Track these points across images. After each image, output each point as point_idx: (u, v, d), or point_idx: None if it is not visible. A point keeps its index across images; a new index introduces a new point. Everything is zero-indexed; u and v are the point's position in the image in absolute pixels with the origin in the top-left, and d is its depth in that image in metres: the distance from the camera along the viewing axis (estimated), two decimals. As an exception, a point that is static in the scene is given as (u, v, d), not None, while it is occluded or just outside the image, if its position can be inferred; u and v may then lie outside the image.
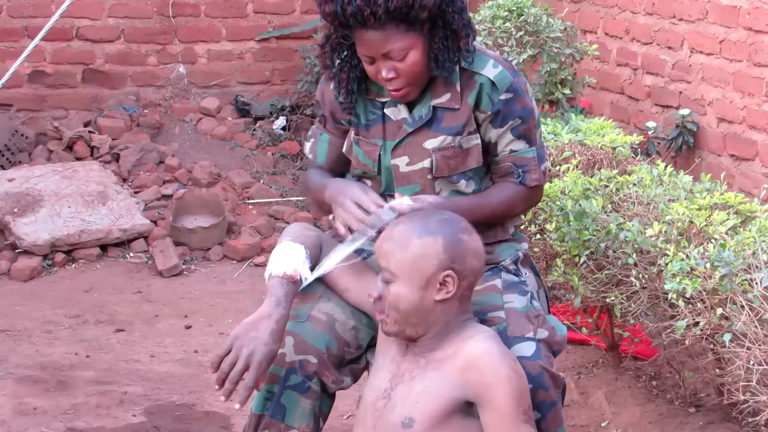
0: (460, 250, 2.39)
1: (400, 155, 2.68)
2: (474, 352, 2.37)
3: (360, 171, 2.75)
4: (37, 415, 3.70)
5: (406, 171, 2.68)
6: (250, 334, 2.45)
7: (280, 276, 2.54)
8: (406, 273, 2.38)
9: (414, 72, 2.56)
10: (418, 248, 2.38)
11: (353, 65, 2.64)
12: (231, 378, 2.42)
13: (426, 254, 2.37)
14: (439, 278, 2.38)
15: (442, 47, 2.56)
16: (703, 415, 3.40)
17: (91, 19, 6.40)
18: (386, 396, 2.45)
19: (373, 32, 2.51)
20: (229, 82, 6.65)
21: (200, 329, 4.53)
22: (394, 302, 2.40)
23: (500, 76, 2.63)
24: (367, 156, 2.71)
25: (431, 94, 2.65)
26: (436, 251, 2.38)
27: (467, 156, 2.66)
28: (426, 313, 2.40)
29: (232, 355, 2.44)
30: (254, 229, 5.47)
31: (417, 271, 2.37)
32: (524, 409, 2.35)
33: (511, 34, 4.69)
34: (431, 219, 2.43)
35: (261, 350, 2.43)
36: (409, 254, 2.38)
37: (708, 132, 4.74)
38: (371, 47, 2.53)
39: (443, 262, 2.37)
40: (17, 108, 6.28)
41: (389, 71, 2.55)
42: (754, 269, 2.82)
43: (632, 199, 3.36)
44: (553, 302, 3.95)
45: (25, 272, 5.03)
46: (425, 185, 2.67)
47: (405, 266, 2.38)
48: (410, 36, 2.52)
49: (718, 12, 4.62)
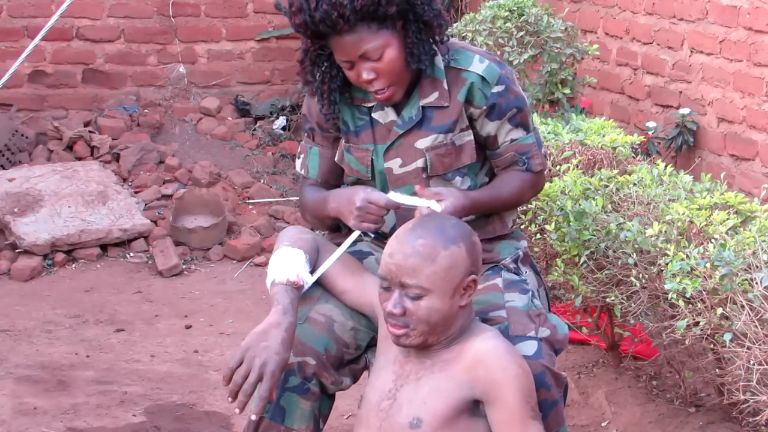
0: (476, 252, 2.42)
1: (392, 158, 2.69)
2: (481, 350, 2.38)
3: (353, 178, 2.76)
4: (37, 415, 3.70)
5: (400, 173, 2.69)
6: (261, 344, 2.42)
7: (284, 283, 2.53)
8: (438, 285, 2.35)
9: (393, 70, 2.57)
10: (447, 259, 2.36)
11: (333, 75, 2.66)
12: (245, 390, 2.39)
13: (455, 264, 2.36)
14: (465, 284, 2.38)
15: (416, 41, 2.58)
16: (703, 415, 3.40)
17: (92, 19, 6.40)
18: (391, 397, 2.44)
19: (346, 36, 2.52)
20: (229, 82, 6.65)
21: (200, 329, 4.52)
22: (426, 316, 2.36)
23: (488, 70, 2.64)
24: (360, 162, 2.72)
25: (419, 95, 2.66)
26: (463, 258, 2.37)
27: (460, 153, 2.67)
28: (452, 320, 2.40)
29: (244, 366, 2.40)
30: (254, 229, 5.47)
31: (448, 282, 2.36)
32: (532, 406, 2.36)
33: (512, 34, 4.69)
34: (446, 226, 2.41)
35: (274, 360, 2.40)
36: (440, 267, 2.35)
37: (708, 132, 4.73)
38: (347, 51, 2.55)
39: (468, 268, 2.39)
40: (17, 108, 6.28)
41: (369, 72, 2.56)
42: (754, 269, 2.81)
43: (632, 199, 3.36)
44: (554, 302, 3.95)
45: (25, 272, 5.03)
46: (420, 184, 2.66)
47: (437, 279, 2.35)
48: (383, 34, 2.54)
49: (718, 12, 4.61)
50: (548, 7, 4.88)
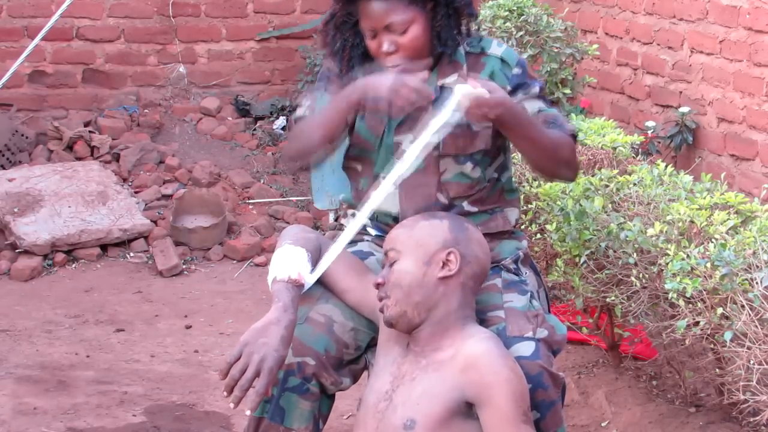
0: (465, 235, 2.49)
1: (404, 132, 2.66)
2: (474, 352, 2.38)
3: (356, 151, 2.74)
4: (37, 415, 3.70)
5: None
6: (260, 340, 2.42)
7: (285, 280, 2.53)
8: (410, 248, 2.46)
9: (414, 47, 2.60)
10: (426, 228, 2.48)
11: (355, 44, 2.67)
12: (241, 385, 2.39)
13: (431, 233, 2.47)
14: (443, 257, 2.45)
15: (444, 25, 2.62)
16: (703, 414, 3.40)
17: (92, 19, 6.40)
18: (387, 398, 2.45)
19: (375, 3, 2.56)
20: (229, 82, 6.65)
21: (200, 329, 4.52)
22: (398, 279, 2.45)
23: (507, 52, 2.70)
24: (371, 131, 2.70)
25: (438, 75, 2.67)
26: (442, 231, 2.48)
27: (476, 137, 2.66)
28: (428, 291, 2.44)
29: (241, 361, 2.40)
30: (254, 229, 5.47)
31: (421, 247, 2.46)
32: (524, 410, 2.35)
33: (512, 34, 4.69)
34: (440, 212, 2.55)
35: (272, 356, 2.40)
36: (415, 233, 2.48)
37: (708, 132, 4.73)
38: (374, 19, 2.58)
39: (448, 241, 2.47)
40: (17, 108, 6.27)
41: (390, 44, 2.59)
42: (755, 269, 2.81)
43: (633, 198, 3.36)
44: (554, 302, 3.95)
45: (26, 272, 5.03)
46: (429, 163, 2.65)
47: (410, 243, 2.47)
48: (412, 10, 2.58)
49: (718, 12, 4.62)
50: (548, 7, 4.89)
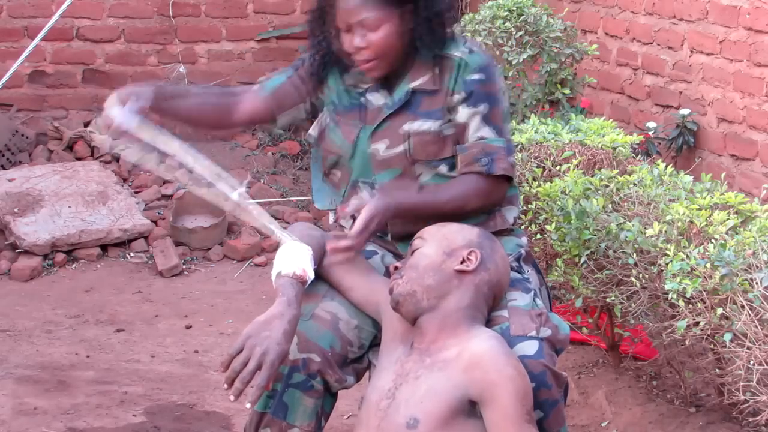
0: (491, 244, 2.58)
1: (379, 139, 2.70)
2: (478, 351, 2.39)
3: (333, 159, 2.77)
4: (37, 415, 3.70)
5: (386, 155, 2.70)
6: (262, 334, 2.42)
7: (290, 276, 2.53)
8: (436, 239, 2.55)
9: (385, 45, 2.62)
10: (455, 227, 2.59)
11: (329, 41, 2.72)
12: (242, 377, 2.39)
13: (460, 232, 2.57)
14: (464, 253, 2.52)
15: (425, 29, 2.63)
16: (703, 415, 3.40)
17: (92, 19, 6.40)
18: (390, 396, 2.45)
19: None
20: (230, 82, 6.64)
21: (200, 329, 4.52)
22: (416, 260, 2.53)
23: (472, 57, 2.68)
24: (345, 138, 2.73)
25: (409, 78, 2.69)
26: (471, 233, 2.57)
27: (446, 143, 2.68)
28: (442, 278, 2.49)
29: (244, 354, 2.40)
30: (254, 229, 5.47)
31: (446, 239, 2.54)
32: (527, 410, 2.36)
33: (511, 34, 4.69)
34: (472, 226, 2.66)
35: (274, 350, 2.40)
36: (446, 229, 2.58)
37: (708, 132, 4.73)
38: (348, 13, 2.62)
39: (473, 242, 2.55)
40: (17, 108, 6.27)
41: (361, 40, 2.62)
42: (755, 269, 2.81)
43: (632, 199, 3.36)
44: (554, 302, 3.94)
45: (26, 272, 5.02)
46: (405, 169, 2.69)
47: (438, 235, 2.56)
48: (387, 9, 2.61)
49: (718, 12, 4.61)
50: (547, 7, 4.89)
